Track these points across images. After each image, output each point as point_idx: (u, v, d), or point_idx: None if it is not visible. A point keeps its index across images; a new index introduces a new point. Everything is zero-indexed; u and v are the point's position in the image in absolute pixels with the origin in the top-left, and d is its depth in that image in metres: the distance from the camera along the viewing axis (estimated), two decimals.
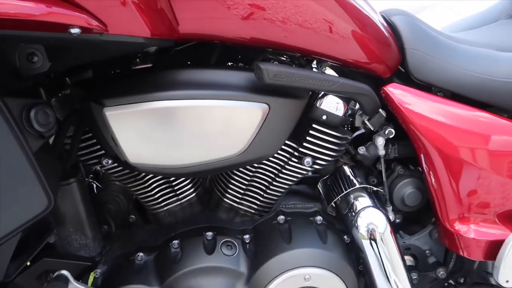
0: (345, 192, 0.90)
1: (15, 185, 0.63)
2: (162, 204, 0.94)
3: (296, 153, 0.87)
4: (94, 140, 0.83)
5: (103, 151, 0.83)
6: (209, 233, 0.90)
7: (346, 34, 0.83)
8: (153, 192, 0.92)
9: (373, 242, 0.87)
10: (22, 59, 0.66)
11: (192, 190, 0.95)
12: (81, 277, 0.86)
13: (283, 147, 0.85)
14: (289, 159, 0.88)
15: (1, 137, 0.61)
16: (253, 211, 0.95)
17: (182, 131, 0.74)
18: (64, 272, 0.74)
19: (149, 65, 0.82)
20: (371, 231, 0.87)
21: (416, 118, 0.88)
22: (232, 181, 0.92)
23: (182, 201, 0.95)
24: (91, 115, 0.75)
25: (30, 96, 0.68)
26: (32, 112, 0.65)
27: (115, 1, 0.60)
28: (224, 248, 0.87)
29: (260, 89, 0.76)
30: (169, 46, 0.72)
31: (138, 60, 0.81)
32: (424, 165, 0.91)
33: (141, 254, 0.89)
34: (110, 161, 0.84)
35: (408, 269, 0.91)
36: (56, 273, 0.74)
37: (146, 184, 0.91)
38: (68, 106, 0.79)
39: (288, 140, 0.84)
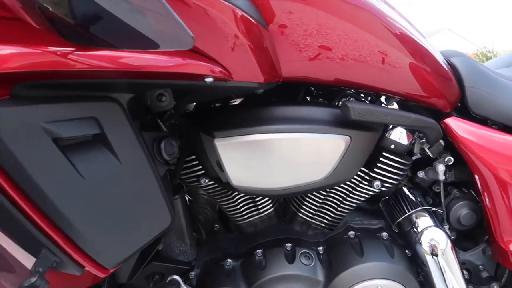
0: (410, 212, 0.91)
1: (147, 205, 0.68)
2: (245, 216, 0.98)
3: (367, 177, 0.89)
4: (195, 162, 0.87)
5: (202, 172, 0.87)
6: (288, 244, 0.92)
7: (416, 74, 0.84)
8: (238, 206, 0.96)
9: (435, 258, 0.87)
10: (153, 99, 0.70)
11: (271, 205, 0.99)
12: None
13: None
14: (360, 182, 0.90)
15: (139, 166, 0.65)
16: (324, 225, 0.97)
17: (278, 159, 0.77)
18: (176, 277, 0.78)
19: (241, 100, 0.85)
20: (433, 247, 0.88)
21: (475, 148, 0.89)
22: (307, 198, 0.95)
23: (262, 214, 0.99)
24: (200, 143, 0.79)
25: (150, 127, 0.71)
26: (162, 143, 0.69)
27: (239, 53, 0.63)
28: (302, 258, 0.89)
29: (343, 123, 0.79)
30: None
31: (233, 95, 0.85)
32: (481, 189, 0.92)
33: (229, 260, 0.93)
34: (207, 180, 0.87)
35: None
36: (169, 278, 0.78)
37: (233, 200, 0.95)
38: (177, 134, 0.82)
39: None
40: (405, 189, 1.02)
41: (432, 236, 0.90)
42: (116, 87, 0.65)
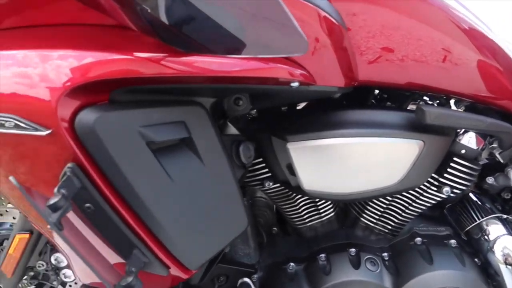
0: (480, 220, 0.88)
1: (228, 208, 0.68)
2: (306, 220, 0.97)
3: (436, 183, 0.86)
4: (260, 166, 0.87)
5: (267, 175, 0.86)
6: (353, 249, 0.91)
7: (487, 74, 0.81)
8: (299, 210, 0.95)
9: (509, 267, 0.83)
10: (230, 103, 0.70)
11: (332, 209, 0.98)
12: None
13: None
14: (429, 188, 0.87)
15: (220, 169, 0.65)
16: (387, 230, 0.95)
17: (351, 164, 0.76)
18: (247, 279, 0.77)
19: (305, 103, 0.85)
20: (506, 256, 0.84)
21: None
22: (371, 203, 0.93)
23: (323, 218, 0.98)
24: (270, 147, 0.79)
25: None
26: (241, 147, 0.69)
27: (322, 56, 0.63)
28: (368, 264, 0.88)
29: (417, 127, 0.77)
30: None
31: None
32: None
33: (292, 264, 0.92)
34: (271, 184, 0.87)
35: None
36: (240, 281, 0.78)
37: (295, 203, 0.94)
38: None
39: None
40: (472, 195, 0.99)
41: (505, 245, 0.86)
42: (201, 91, 0.66)
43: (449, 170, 0.86)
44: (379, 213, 0.94)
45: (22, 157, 0.57)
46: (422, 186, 0.89)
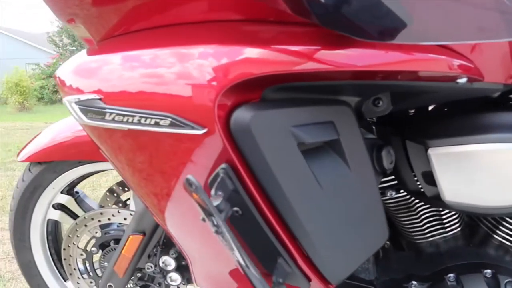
0: None
1: (371, 218, 0.62)
2: (427, 235, 0.87)
3: None
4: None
5: (390, 184, 0.79)
6: (488, 271, 0.80)
7: None
8: (421, 224, 0.86)
9: None
10: (369, 104, 0.64)
11: (459, 223, 0.87)
12: None
13: None
14: None
15: (365, 176, 0.60)
16: None
17: (504, 173, 0.66)
18: None
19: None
20: None
21: None
22: (508, 218, 0.81)
23: (447, 234, 0.87)
24: (401, 152, 0.71)
25: None
26: (383, 152, 0.63)
27: (497, 51, 0.54)
28: None
29: None
30: None
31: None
32: None
33: (414, 282, 0.83)
34: (394, 193, 0.79)
35: None
36: None
37: (417, 216, 0.85)
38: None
39: None
40: None
41: None
42: (347, 90, 0.61)
43: None
44: None
45: (174, 156, 0.57)
46: None
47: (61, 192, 1.07)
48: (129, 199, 1.09)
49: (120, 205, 1.09)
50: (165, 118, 0.54)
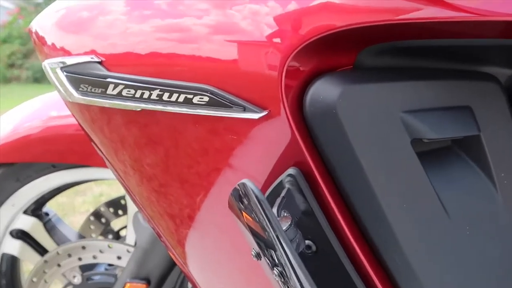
0: None
1: None
2: None
3: None
4: None
5: None
6: None
7: None
8: None
9: None
10: None
11: None
12: None
13: None
14: None
15: None
16: None
17: None
18: None
19: None
20: None
21: None
22: None
23: None
24: None
25: None
26: None
27: None
28: None
29: None
30: None
31: None
32: None
33: None
34: None
35: None
36: None
37: None
38: None
39: None
40: None
41: None
42: (496, 55, 0.60)
43: None
44: None
45: (211, 152, 0.58)
46: None
47: (24, 213, 1.10)
48: (124, 227, 1.11)
49: (111, 236, 1.11)
50: (200, 93, 0.54)
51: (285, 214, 0.51)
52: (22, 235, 1.12)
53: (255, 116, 0.53)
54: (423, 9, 0.49)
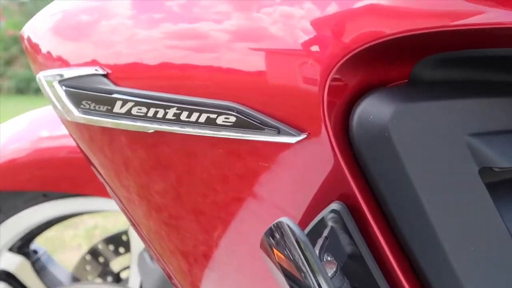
0: None
1: None
2: None
3: None
4: None
5: None
6: None
7: None
8: None
9: None
10: None
11: None
12: None
13: None
14: None
15: None
16: None
17: None
18: None
19: None
20: None
21: None
22: None
23: None
24: None
25: None
26: None
27: None
28: None
29: None
30: None
31: None
32: None
33: None
34: None
35: None
36: None
37: None
38: None
39: None
40: None
41: None
42: None
43: None
44: None
45: (239, 182, 0.58)
46: None
47: (10, 250, 1.09)
48: (126, 268, 1.10)
49: (110, 278, 1.10)
50: (225, 111, 0.54)
51: (329, 259, 0.51)
52: (6, 277, 1.11)
53: (292, 140, 0.53)
54: (491, 12, 0.49)
